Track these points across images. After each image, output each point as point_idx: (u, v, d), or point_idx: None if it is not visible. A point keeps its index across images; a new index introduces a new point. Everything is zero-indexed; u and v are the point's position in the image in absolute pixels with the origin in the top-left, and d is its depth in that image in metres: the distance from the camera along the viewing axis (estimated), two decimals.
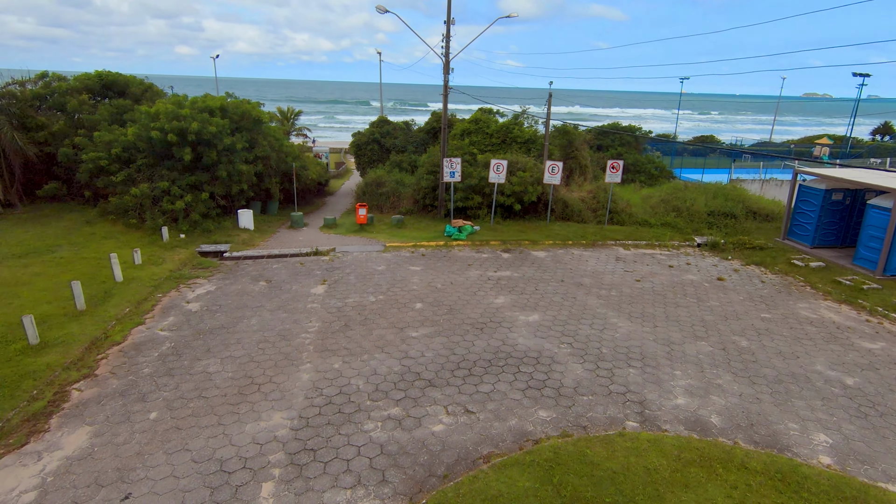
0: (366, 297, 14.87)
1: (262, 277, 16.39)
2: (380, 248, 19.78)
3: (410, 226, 23.33)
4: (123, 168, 20.57)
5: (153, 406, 9.63)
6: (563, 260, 18.87)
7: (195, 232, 20.22)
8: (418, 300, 14.74)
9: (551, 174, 21.39)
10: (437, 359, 11.48)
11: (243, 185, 21.56)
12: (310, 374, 10.81)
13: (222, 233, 20.58)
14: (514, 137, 28.71)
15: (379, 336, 12.52)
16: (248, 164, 21.89)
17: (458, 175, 21.62)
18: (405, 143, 35.10)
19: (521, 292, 15.57)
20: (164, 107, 20.21)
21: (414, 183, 26.22)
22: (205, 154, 20.45)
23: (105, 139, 20.59)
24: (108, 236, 19.31)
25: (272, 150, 23.52)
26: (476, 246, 20.23)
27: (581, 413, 9.58)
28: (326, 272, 16.98)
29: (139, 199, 19.87)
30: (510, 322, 13.46)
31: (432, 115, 37.03)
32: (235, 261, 18.09)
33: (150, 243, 18.78)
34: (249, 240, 20.32)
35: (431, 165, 24.97)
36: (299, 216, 23.43)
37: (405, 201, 26.56)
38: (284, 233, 22.15)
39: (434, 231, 22.07)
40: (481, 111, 32.42)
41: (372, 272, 17.02)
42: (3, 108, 21.79)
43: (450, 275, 16.93)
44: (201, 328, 12.78)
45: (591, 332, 13.04)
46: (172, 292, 15.04)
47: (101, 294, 14.26)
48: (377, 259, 18.43)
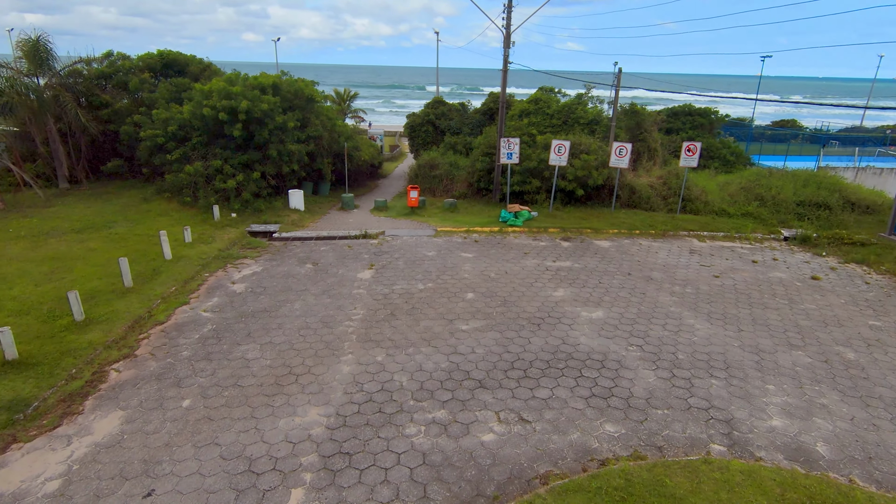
0: (414, 285, 13.96)
1: (309, 260, 15.83)
2: (431, 232, 18.82)
3: (463, 210, 22.23)
4: (179, 146, 20.59)
5: (187, 392, 9.12)
6: (629, 251, 17.21)
7: (246, 211, 20.01)
8: (470, 290, 13.68)
9: (618, 157, 19.60)
10: (489, 356, 10.39)
11: (294, 164, 21.14)
12: (351, 366, 10.01)
13: (273, 213, 20.27)
14: (576, 118, 26.84)
15: (426, 328, 11.57)
16: (299, 144, 21.43)
17: (516, 157, 20.23)
18: (460, 125, 33.87)
19: (583, 285, 14.17)
20: (217, 84, 19.98)
21: (468, 165, 25.04)
22: (256, 132, 20.11)
23: (162, 117, 20.67)
24: (163, 213, 19.40)
25: (325, 129, 22.97)
26: (533, 233, 18.88)
27: (655, 430, 8.24)
28: (374, 256, 16.21)
29: (193, 177, 19.83)
30: (571, 318, 12.15)
31: (489, 95, 35.51)
32: (284, 242, 17.66)
33: (201, 222, 18.68)
34: (299, 220, 19.90)
35: (487, 147, 23.68)
36: (350, 198, 22.85)
37: (459, 185, 25.45)
38: (334, 214, 21.62)
39: (488, 216, 20.86)
40: (541, 90, 30.63)
41: (421, 258, 16.09)
42: (70, 86, 22.34)
43: (504, 263, 15.73)
44: (244, 311, 12.29)
45: (664, 333, 11.52)
46: (219, 272, 14.71)
47: (149, 272, 14.11)
48: (427, 244, 17.48)
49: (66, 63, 21.89)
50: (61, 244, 15.84)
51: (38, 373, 9.39)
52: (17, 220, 17.81)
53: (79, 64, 23.04)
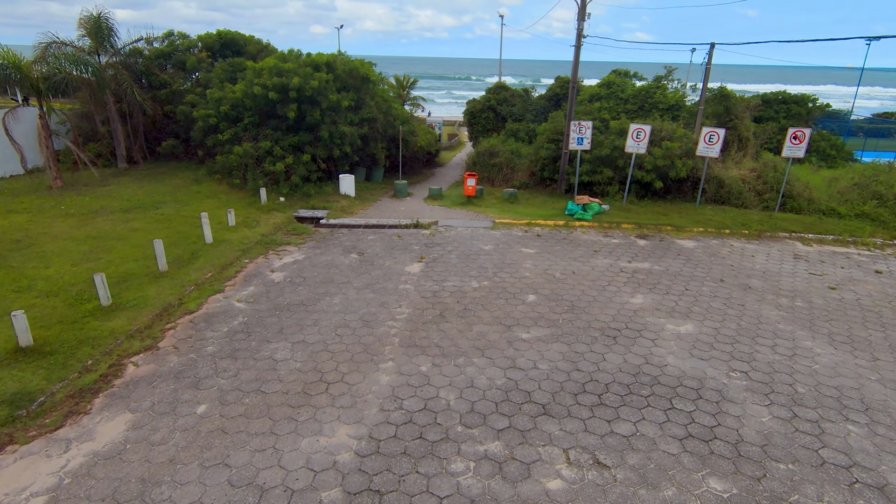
0: (467, 282, 12.34)
1: (355, 249, 14.55)
2: (488, 224, 17.12)
3: (524, 201, 20.35)
4: (231, 127, 19.93)
5: (205, 396, 7.96)
6: (719, 253, 14.80)
7: (295, 196, 19.07)
8: (531, 291, 11.90)
9: (708, 144, 17.06)
10: (555, 374, 8.62)
11: (346, 147, 19.99)
12: (390, 375, 8.54)
13: (321, 198, 19.24)
14: (654, 103, 24.21)
15: (480, 334, 9.93)
16: (352, 126, 20.26)
17: (588, 142, 18.12)
18: (523, 112, 31.80)
19: (666, 291, 12.05)
20: (269, 62, 19.09)
21: (531, 153, 23.08)
22: (308, 113, 19.08)
23: (215, 97, 20.08)
24: (211, 195, 18.79)
25: (379, 111, 21.71)
26: (604, 228, 16.76)
27: (780, 494, 6.23)
28: (425, 248, 14.71)
29: (242, 158, 19.09)
30: (654, 331, 10.14)
31: (556, 79, 33.16)
32: (330, 228, 16.52)
33: (248, 205, 17.88)
34: (348, 207, 18.74)
35: (553, 133, 21.61)
36: (403, 185, 21.51)
37: (520, 174, 23.56)
38: (386, 202, 20.34)
39: (552, 208, 18.89)
40: (615, 73, 28.06)
41: (477, 252, 14.44)
42: (130, 66, 22.23)
43: (571, 262, 13.81)
44: (279, 303, 11.12)
45: (774, 357, 9.31)
46: (260, 258, 13.70)
47: (187, 255, 13.27)
48: (484, 237, 15.80)
49: (126, 41, 21.76)
50: (106, 223, 15.40)
51: (50, 363, 8.54)
52: (71, 198, 17.67)
53: (139, 43, 22.91)
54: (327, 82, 18.98)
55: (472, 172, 20.33)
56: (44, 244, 13.60)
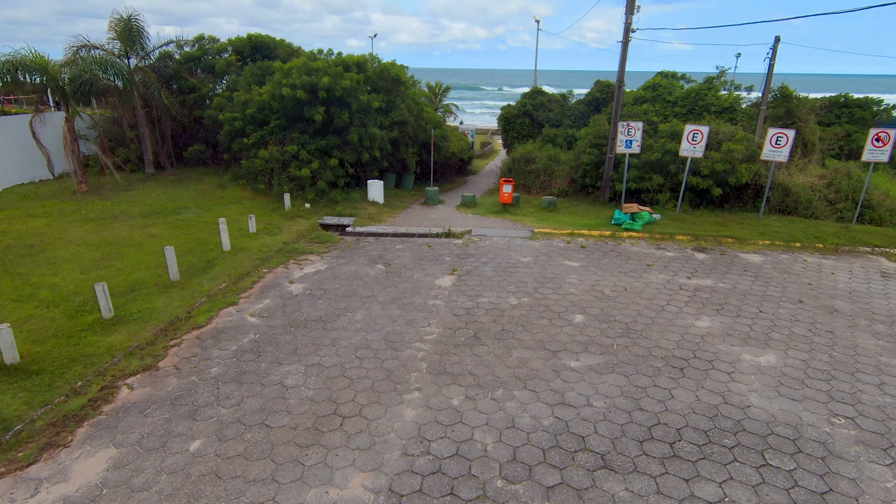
0: (505, 298, 10.98)
1: (382, 259, 13.39)
2: (526, 233, 15.73)
3: (564, 210, 18.89)
4: (257, 130, 19.20)
5: (201, 430, 6.84)
6: (791, 269, 13.00)
7: (321, 202, 18.13)
8: (578, 310, 10.45)
9: (775, 147, 15.28)
10: (614, 414, 7.17)
11: (375, 151, 18.98)
12: (416, 409, 7.26)
13: (348, 204, 18.24)
14: (705, 105, 22.42)
15: (521, 360, 8.56)
16: (382, 130, 19.26)
17: (637, 145, 16.57)
18: (560, 117, 30.35)
19: (737, 314, 10.41)
20: (298, 61, 18.31)
21: (571, 159, 21.62)
22: (336, 115, 18.18)
23: (241, 99, 19.43)
24: (235, 201, 18.02)
25: (411, 114, 20.67)
26: (655, 240, 15.14)
27: None
28: (457, 259, 13.44)
29: (268, 163, 18.30)
30: (728, 362, 8.56)
31: (596, 83, 31.63)
32: (356, 237, 15.43)
33: (271, 211, 17.02)
34: (376, 214, 17.67)
35: (596, 137, 20.12)
36: (434, 192, 20.35)
37: (558, 181, 22.10)
38: (416, 209, 19.20)
39: (596, 217, 17.36)
40: (661, 75, 26.36)
41: (514, 264, 13.07)
42: (159, 69, 21.89)
43: (622, 277, 12.29)
44: (296, 318, 10.01)
45: (885, 400, 7.60)
46: (279, 268, 12.69)
47: (202, 263, 12.37)
48: (522, 247, 14.42)
49: (156, 44, 21.44)
50: (124, 228, 14.72)
51: (35, 384, 7.60)
52: (93, 203, 17.17)
53: (170, 46, 22.61)
54: (358, 83, 18.06)
55: (509, 178, 19.00)
56: (56, 250, 12.94)
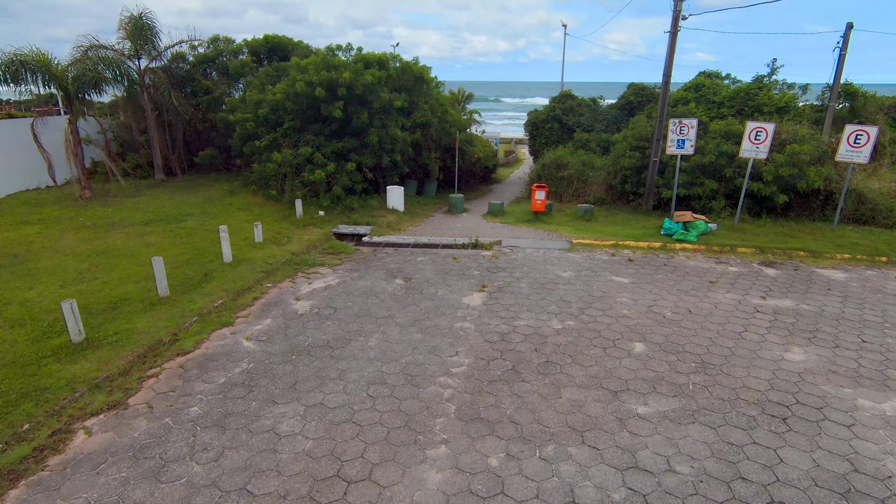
0: (546, 321, 9.25)
1: (401, 273, 11.79)
2: (563, 245, 13.98)
3: (602, 219, 17.08)
4: (270, 132, 17.92)
5: (163, 496, 5.25)
6: (884, 288, 10.96)
7: (336, 209, 16.68)
8: (637, 336, 8.65)
9: (853, 147, 13.26)
10: (708, 486, 5.36)
11: (396, 155, 17.50)
12: (443, 472, 5.56)
13: (366, 212, 16.74)
14: (756, 105, 20.43)
15: (574, 403, 6.80)
16: (404, 132, 17.80)
17: (692, 145, 14.71)
18: (592, 122, 28.60)
19: (835, 344, 8.46)
20: (315, 58, 17.02)
21: (609, 163, 19.83)
22: (355, 115, 16.77)
23: (254, 99, 18.19)
24: (244, 208, 16.69)
25: (434, 116, 19.18)
26: (714, 253, 13.22)
27: None
28: (487, 273, 11.75)
29: (281, 167, 16.95)
30: (843, 410, 6.66)
31: (629, 86, 29.84)
32: (374, 248, 13.89)
33: (282, 218, 15.61)
34: (396, 223, 16.12)
35: (637, 139, 18.32)
36: (459, 199, 18.76)
37: (594, 188, 20.31)
38: (439, 218, 17.62)
39: (641, 227, 15.51)
40: (703, 75, 24.47)
41: (553, 280, 11.33)
42: (171, 71, 20.88)
43: (682, 296, 10.43)
44: (299, 343, 8.44)
45: None
46: (285, 282, 11.19)
47: (199, 277, 10.93)
48: (560, 260, 12.67)
49: (168, 43, 20.42)
50: (119, 237, 13.43)
51: None
52: (92, 210, 16.02)
53: (182, 46, 21.60)
54: (380, 80, 16.64)
55: (541, 184, 17.28)
56: (41, 260, 11.67)
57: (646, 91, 29.14)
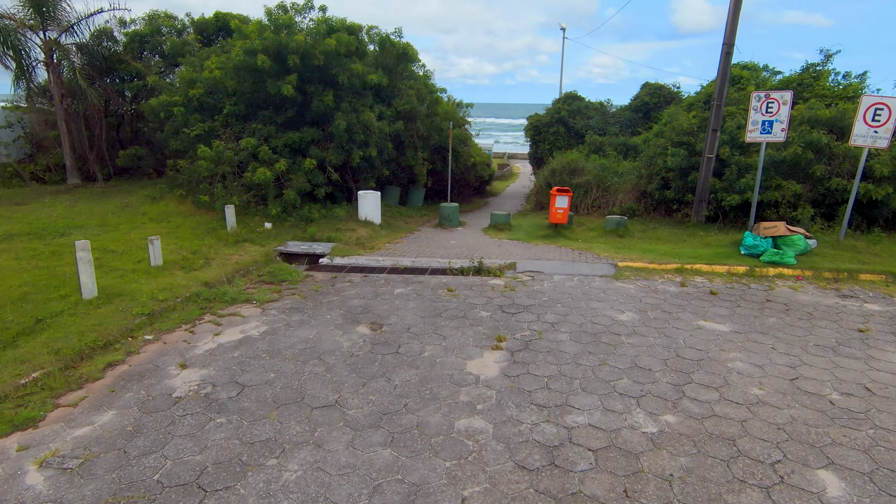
0: (624, 415, 5.00)
1: (367, 316, 7.51)
2: (605, 269, 9.82)
3: (640, 233, 13.06)
4: (207, 120, 13.71)
5: None
6: None
7: (288, 220, 12.43)
8: (810, 453, 4.43)
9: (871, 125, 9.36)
10: None
11: (371, 150, 13.36)
12: None
13: (329, 224, 12.51)
14: (819, 96, 16.67)
15: None
16: (381, 121, 13.70)
17: (784, 129, 10.67)
18: (603, 125, 24.86)
19: None
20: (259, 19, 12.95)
21: (640, 166, 15.93)
22: (315, 96, 12.67)
23: (185, 77, 13.98)
24: (161, 218, 12.36)
25: (420, 103, 15.13)
26: (827, 281, 9.13)
27: None
28: (503, 316, 7.51)
29: (220, 164, 12.71)
30: None
31: (643, 87, 26.32)
32: (333, 273, 9.62)
33: (208, 232, 11.32)
34: (369, 239, 11.90)
35: (679, 133, 14.45)
36: (453, 209, 14.66)
37: (620, 196, 16.36)
38: (428, 233, 13.46)
39: (701, 244, 11.46)
40: (740, 67, 20.85)
41: (609, 327, 7.12)
42: (90, 49, 16.59)
43: (830, 356, 6.28)
44: (139, 475, 4.08)
45: None
46: (178, 332, 6.86)
47: (28, 323, 6.55)
48: (608, 293, 8.49)
49: (83, 14, 16.14)
50: None
51: None
52: None
53: (108, 20, 17.37)
54: (348, 49, 12.58)
55: (564, 188, 13.07)
56: None
57: (663, 91, 25.59)
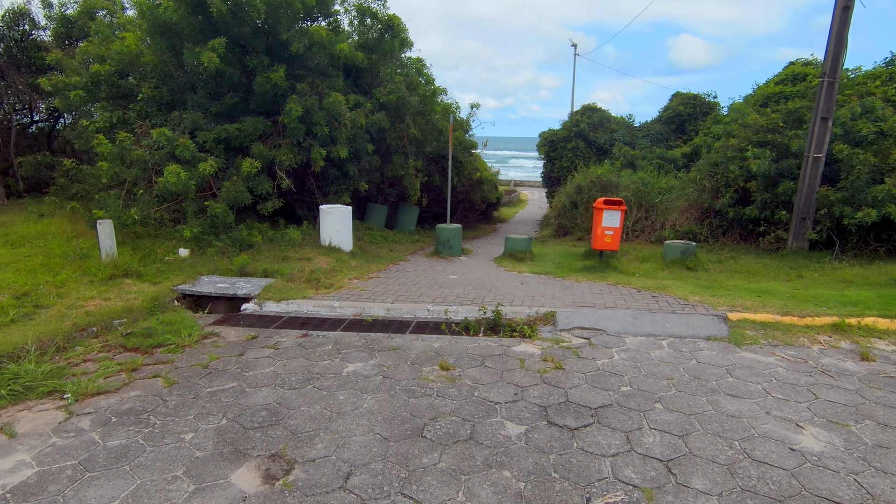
0: None
1: (271, 431, 3.54)
2: (711, 326, 5.84)
3: (715, 264, 9.21)
4: (117, 109, 10.06)
5: None
6: None
7: (215, 245, 8.55)
8: None
9: None
10: None
11: (340, 149, 9.61)
12: None
13: (276, 251, 8.64)
14: None
15: None
16: (354, 111, 9.99)
17: None
18: (631, 139, 21.29)
19: None
20: None
21: (701, 175, 12.20)
22: (259, 71, 9.04)
23: (90, 52, 10.40)
24: (21, 242, 8.48)
25: (412, 93, 11.50)
26: None
27: None
28: (549, 437, 3.51)
29: (132, 166, 8.96)
30: None
31: (674, 97, 22.90)
32: (255, 330, 5.70)
33: (75, 261, 7.44)
34: (329, 273, 8.01)
35: (758, 130, 10.76)
36: (454, 232, 10.83)
37: (674, 216, 12.55)
38: (419, 264, 9.59)
39: (827, 281, 7.55)
40: (801, 65, 17.40)
41: (790, 470, 3.12)
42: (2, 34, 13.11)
43: None
44: None
45: None
46: None
47: None
48: (742, 378, 4.52)
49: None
50: None
51: None
52: None
53: (29, 3, 13.96)
54: (304, 3, 8.99)
55: (615, 199, 9.03)
56: None
57: (698, 101, 22.15)
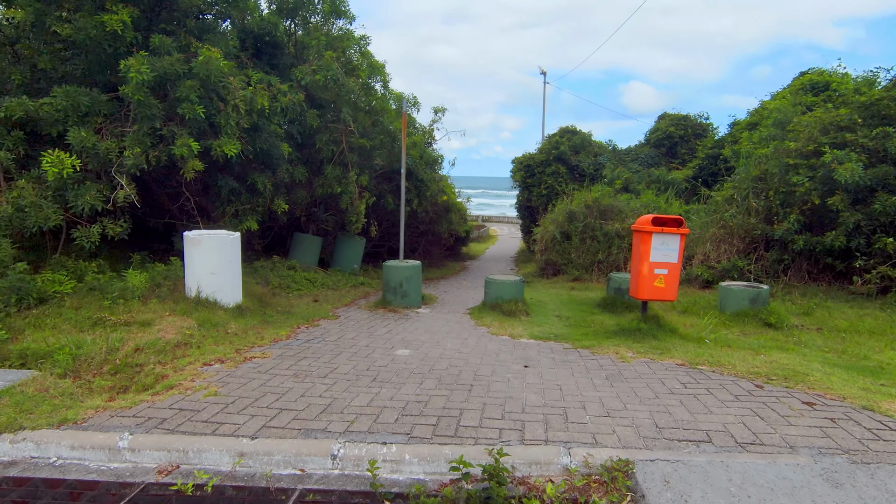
0: None
1: None
2: None
3: (799, 317, 5.96)
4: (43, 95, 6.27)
5: None
6: None
7: None
8: None
9: None
10: None
11: (227, 142, 6.03)
12: None
13: (94, 306, 4.87)
14: None
15: None
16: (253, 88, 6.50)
17: None
18: (617, 163, 18.55)
19: None
20: None
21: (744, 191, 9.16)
22: (84, 4, 5.48)
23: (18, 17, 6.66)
24: None
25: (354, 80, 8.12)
26: None
27: None
28: None
29: None
30: None
31: (662, 118, 20.54)
32: None
33: None
34: (174, 350, 4.30)
35: (826, 129, 7.82)
36: (410, 273, 7.22)
37: (707, 248, 9.40)
38: (353, 322, 5.95)
39: None
40: (813, 75, 15.07)
41: None
42: None
43: None
44: None
45: None
46: None
47: None
48: None
49: None
50: None
51: None
52: None
53: None
54: None
55: (670, 218, 5.44)
56: None
57: (689, 122, 19.80)
